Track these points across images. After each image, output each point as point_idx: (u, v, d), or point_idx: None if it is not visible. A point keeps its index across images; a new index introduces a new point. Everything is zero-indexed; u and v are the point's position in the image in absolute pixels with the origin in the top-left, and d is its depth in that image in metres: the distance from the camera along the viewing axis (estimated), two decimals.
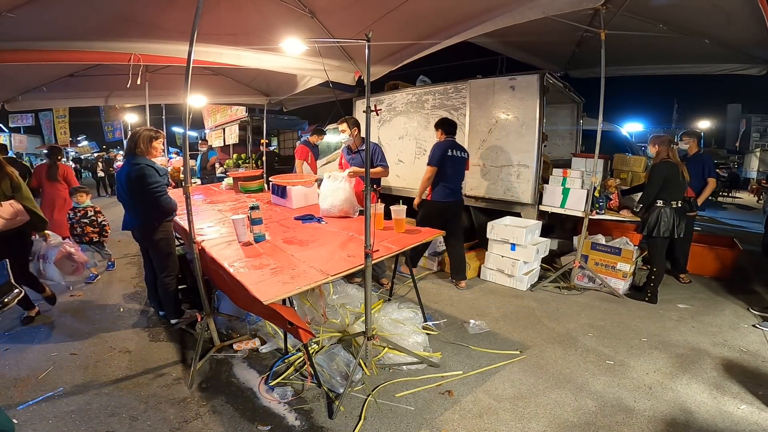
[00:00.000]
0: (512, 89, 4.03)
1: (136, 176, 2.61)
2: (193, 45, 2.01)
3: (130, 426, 1.99)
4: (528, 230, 3.74)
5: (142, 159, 2.67)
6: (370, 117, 2.10)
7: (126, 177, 2.68)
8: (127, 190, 2.71)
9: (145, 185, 2.60)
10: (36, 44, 2.79)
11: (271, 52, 3.44)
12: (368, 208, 2.12)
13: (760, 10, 2.75)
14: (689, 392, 2.25)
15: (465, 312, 3.29)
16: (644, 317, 3.21)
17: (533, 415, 2.06)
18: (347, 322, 2.77)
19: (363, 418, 2.02)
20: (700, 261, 4.25)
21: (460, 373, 2.42)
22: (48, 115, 17.19)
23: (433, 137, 4.85)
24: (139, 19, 2.89)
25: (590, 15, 3.44)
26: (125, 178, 2.68)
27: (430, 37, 3.19)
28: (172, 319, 2.99)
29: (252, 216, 2.50)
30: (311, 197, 3.69)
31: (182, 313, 3.01)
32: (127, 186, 2.70)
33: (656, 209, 3.29)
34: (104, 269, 4.39)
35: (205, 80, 5.00)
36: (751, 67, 3.96)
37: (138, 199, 2.71)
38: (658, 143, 3.39)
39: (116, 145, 18.56)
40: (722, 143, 26.10)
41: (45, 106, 6.94)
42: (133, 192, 2.69)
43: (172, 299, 2.93)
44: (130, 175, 2.65)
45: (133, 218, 2.81)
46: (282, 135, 12.98)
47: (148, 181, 2.59)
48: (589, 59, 4.64)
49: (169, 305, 2.97)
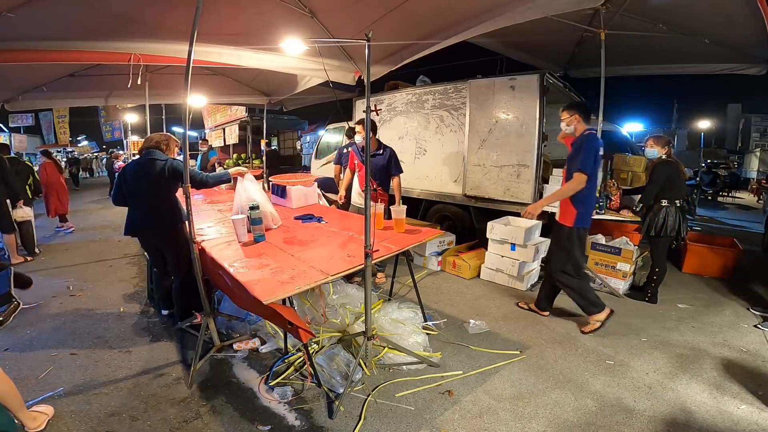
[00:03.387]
0: (512, 89, 4.03)
1: (173, 169, 2.52)
2: (193, 45, 2.01)
3: (130, 426, 1.99)
4: (528, 230, 3.74)
5: (163, 155, 2.62)
6: (370, 117, 2.11)
7: (150, 173, 2.55)
8: (152, 186, 2.57)
9: (179, 177, 2.49)
10: (36, 44, 2.79)
11: (271, 52, 3.44)
12: (368, 208, 2.12)
13: (759, 10, 2.76)
14: (689, 392, 2.25)
15: (465, 312, 3.29)
16: (644, 317, 3.21)
17: (533, 415, 2.06)
18: (347, 322, 2.77)
19: (363, 418, 2.02)
20: (700, 261, 4.26)
21: (460, 373, 2.42)
22: (48, 115, 17.21)
23: (433, 137, 4.87)
24: (139, 19, 2.89)
25: (590, 15, 3.44)
26: (146, 174, 2.56)
27: (430, 37, 3.19)
28: (181, 320, 2.89)
29: (252, 216, 2.50)
30: (311, 197, 3.69)
31: (191, 315, 2.94)
32: (155, 182, 2.55)
33: (662, 209, 3.29)
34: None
35: (205, 80, 5.00)
36: (750, 67, 3.97)
37: (164, 197, 2.59)
38: (661, 144, 3.38)
39: (116, 145, 18.59)
40: (722, 143, 26.12)
41: (45, 106, 6.96)
42: (161, 188, 2.56)
43: (186, 300, 2.84)
44: (163, 170, 2.53)
45: (151, 218, 2.65)
46: (282, 135, 12.98)
47: (188, 172, 2.28)
48: (589, 59, 4.64)
49: (181, 307, 2.88)
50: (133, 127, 8.69)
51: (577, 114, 2.80)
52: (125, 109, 8.36)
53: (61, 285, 3.90)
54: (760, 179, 12.25)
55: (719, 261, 4.16)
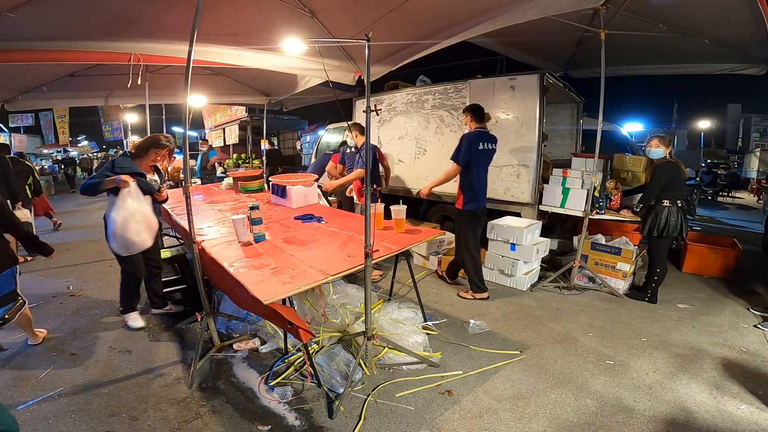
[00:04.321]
0: (512, 89, 4.03)
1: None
2: (193, 45, 2.01)
3: (130, 426, 1.99)
4: (528, 230, 3.73)
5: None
6: (370, 117, 2.10)
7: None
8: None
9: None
10: (36, 44, 2.78)
11: (271, 52, 3.43)
12: (368, 208, 2.12)
13: (759, 10, 2.75)
14: (689, 392, 2.25)
15: (465, 312, 3.29)
16: (644, 317, 3.21)
17: (533, 415, 2.06)
18: (347, 322, 2.77)
19: (363, 418, 2.03)
20: (700, 261, 4.26)
21: (460, 373, 2.42)
22: (48, 115, 17.22)
23: (433, 137, 4.87)
24: (139, 19, 2.89)
25: (590, 15, 3.44)
26: None
27: (430, 37, 3.19)
28: (123, 313, 3.08)
29: (252, 216, 2.50)
30: (311, 197, 3.69)
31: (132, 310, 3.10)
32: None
33: (664, 209, 3.29)
34: None
35: (205, 80, 5.00)
36: (750, 66, 3.96)
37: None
38: (666, 143, 3.39)
39: (116, 145, 18.59)
40: (722, 143, 26.15)
41: (45, 106, 6.95)
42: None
43: (128, 293, 3.04)
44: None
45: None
46: (282, 135, 12.98)
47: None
48: (589, 59, 4.64)
49: (161, 297, 3.23)
50: (133, 127, 8.69)
51: (470, 115, 3.38)
52: (125, 109, 8.36)
53: (61, 285, 3.90)
54: (760, 179, 12.26)
55: (719, 261, 4.15)
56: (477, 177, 3.39)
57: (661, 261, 3.42)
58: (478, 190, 3.41)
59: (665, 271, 3.48)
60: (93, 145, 25.59)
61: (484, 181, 3.47)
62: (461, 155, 3.31)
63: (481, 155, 3.38)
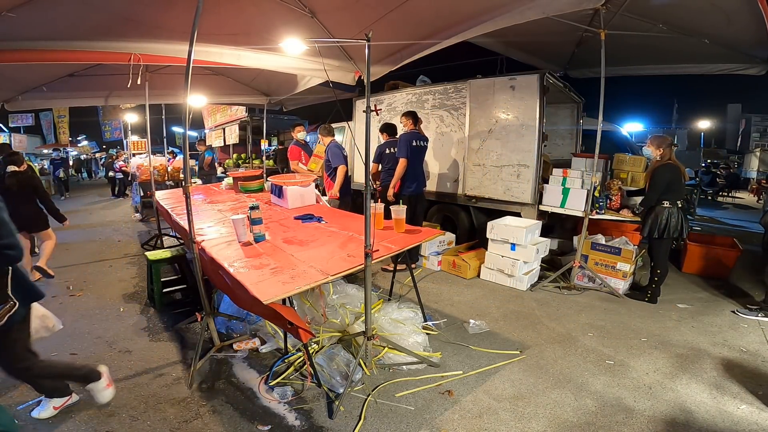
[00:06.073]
0: (512, 89, 4.04)
1: None
2: (193, 45, 2.01)
3: (130, 426, 1.99)
4: (528, 230, 3.73)
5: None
6: (370, 117, 2.10)
7: None
8: None
9: None
10: (36, 44, 2.78)
11: (271, 52, 3.43)
12: (368, 208, 2.12)
13: (759, 10, 2.76)
14: (689, 392, 2.25)
15: (465, 312, 3.29)
16: (644, 317, 3.21)
17: (533, 415, 2.06)
18: (347, 322, 2.77)
19: (363, 418, 2.02)
20: (700, 261, 4.26)
21: (460, 373, 2.42)
22: (48, 115, 17.21)
23: (433, 137, 4.87)
24: (139, 19, 2.89)
25: (590, 15, 3.44)
26: None
27: (430, 37, 3.19)
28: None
29: (252, 216, 2.50)
30: (308, 197, 3.68)
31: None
32: None
33: (664, 210, 3.28)
34: None
35: (205, 80, 5.00)
36: (750, 67, 3.96)
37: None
38: (663, 146, 3.36)
39: (116, 145, 18.57)
40: (722, 143, 26.15)
41: (45, 106, 6.94)
42: None
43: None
44: None
45: None
46: (282, 135, 12.97)
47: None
48: (589, 59, 4.64)
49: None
50: (133, 126, 8.68)
51: (410, 119, 4.09)
52: (125, 109, 8.36)
53: (61, 285, 3.91)
54: (760, 179, 12.27)
55: (719, 261, 4.15)
56: (413, 168, 4.11)
57: (661, 262, 3.42)
58: (414, 178, 4.14)
59: (666, 271, 3.48)
60: (93, 145, 25.57)
61: (420, 171, 4.24)
62: (404, 151, 3.99)
63: (416, 151, 4.09)
